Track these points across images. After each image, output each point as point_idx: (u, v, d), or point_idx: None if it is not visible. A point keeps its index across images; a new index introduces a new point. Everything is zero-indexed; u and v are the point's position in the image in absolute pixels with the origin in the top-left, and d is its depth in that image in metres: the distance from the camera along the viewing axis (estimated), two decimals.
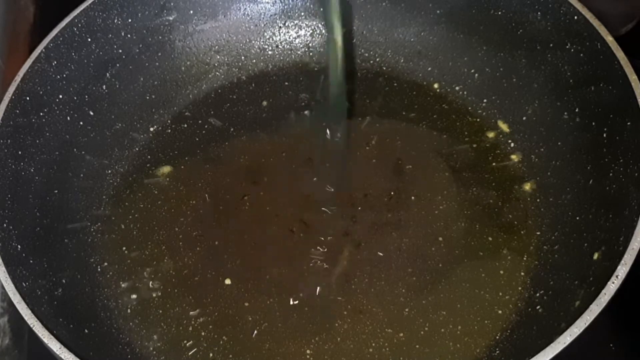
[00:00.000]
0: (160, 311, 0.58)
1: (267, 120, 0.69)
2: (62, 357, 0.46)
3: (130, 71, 0.69)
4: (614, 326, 0.57)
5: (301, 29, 0.74)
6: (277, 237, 0.61)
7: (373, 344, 0.55)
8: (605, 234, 0.52)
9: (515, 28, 0.65)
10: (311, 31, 0.74)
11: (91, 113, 0.66)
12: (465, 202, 0.62)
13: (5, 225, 0.54)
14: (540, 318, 0.53)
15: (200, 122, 0.69)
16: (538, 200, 0.61)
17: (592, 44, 0.58)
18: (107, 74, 0.67)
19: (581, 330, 0.44)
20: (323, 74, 0.72)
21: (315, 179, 0.65)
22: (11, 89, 0.58)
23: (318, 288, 0.58)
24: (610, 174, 0.54)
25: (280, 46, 0.74)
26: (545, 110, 0.63)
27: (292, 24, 0.74)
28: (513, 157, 0.64)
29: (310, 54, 0.74)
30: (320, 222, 0.62)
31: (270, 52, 0.74)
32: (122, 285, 0.59)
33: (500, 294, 0.56)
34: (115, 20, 0.67)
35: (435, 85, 0.70)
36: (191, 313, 0.57)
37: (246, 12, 0.73)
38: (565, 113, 0.61)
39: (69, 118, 0.63)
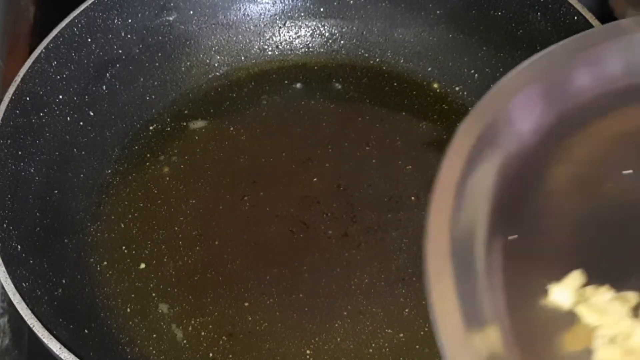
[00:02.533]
0: (160, 311, 0.58)
1: (267, 120, 0.69)
2: (62, 357, 0.46)
3: (130, 71, 0.69)
4: None
5: (301, 29, 0.74)
6: (277, 237, 0.61)
7: (373, 344, 0.55)
8: None
9: (515, 28, 0.65)
10: (311, 31, 0.74)
11: (91, 113, 0.66)
12: None
13: (5, 225, 0.54)
14: None
15: (199, 121, 0.70)
16: None
17: None
18: (107, 74, 0.67)
19: None
20: (323, 74, 0.72)
21: (315, 179, 0.65)
22: (11, 89, 0.58)
23: (318, 288, 0.58)
24: None
25: (280, 46, 0.74)
26: None
27: (292, 24, 0.74)
28: None
29: (310, 54, 0.74)
30: (320, 223, 0.62)
31: (270, 53, 0.74)
32: (122, 285, 0.59)
33: None
34: (115, 21, 0.67)
35: (435, 85, 0.70)
36: (191, 313, 0.57)
37: (246, 13, 0.74)
38: None
39: (69, 118, 0.64)
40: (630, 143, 0.42)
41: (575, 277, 0.38)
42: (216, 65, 0.73)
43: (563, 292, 0.37)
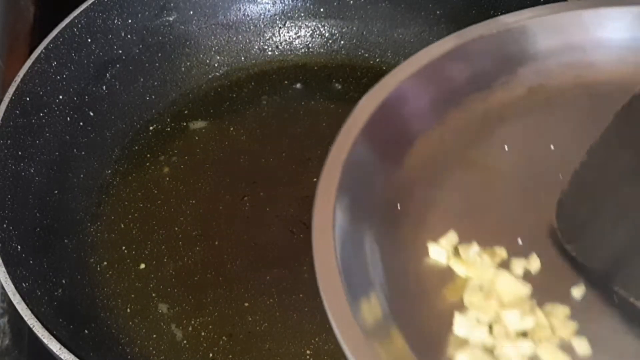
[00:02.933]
0: (160, 311, 0.58)
1: (267, 120, 0.69)
2: (62, 357, 0.47)
3: (130, 71, 0.69)
4: None
5: (301, 30, 0.74)
6: (277, 237, 0.61)
7: None
8: None
9: None
10: (311, 32, 0.74)
11: (91, 113, 0.66)
12: None
13: (5, 225, 0.54)
14: None
15: (199, 121, 0.70)
16: None
17: None
18: (107, 75, 0.67)
19: None
20: (323, 74, 0.72)
21: (315, 179, 0.64)
22: (11, 90, 0.58)
23: (318, 288, 0.58)
24: None
25: (280, 46, 0.74)
26: None
27: (292, 24, 0.74)
28: None
29: (310, 54, 0.74)
30: None
31: (270, 53, 0.74)
32: (122, 285, 0.59)
33: None
34: (115, 21, 0.67)
35: None
36: (191, 313, 0.57)
37: (246, 13, 0.74)
38: None
39: (69, 118, 0.64)
40: (500, 122, 0.49)
41: (450, 237, 0.43)
42: (216, 65, 0.73)
43: (439, 251, 0.42)
